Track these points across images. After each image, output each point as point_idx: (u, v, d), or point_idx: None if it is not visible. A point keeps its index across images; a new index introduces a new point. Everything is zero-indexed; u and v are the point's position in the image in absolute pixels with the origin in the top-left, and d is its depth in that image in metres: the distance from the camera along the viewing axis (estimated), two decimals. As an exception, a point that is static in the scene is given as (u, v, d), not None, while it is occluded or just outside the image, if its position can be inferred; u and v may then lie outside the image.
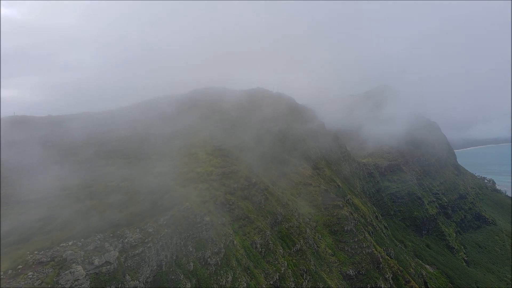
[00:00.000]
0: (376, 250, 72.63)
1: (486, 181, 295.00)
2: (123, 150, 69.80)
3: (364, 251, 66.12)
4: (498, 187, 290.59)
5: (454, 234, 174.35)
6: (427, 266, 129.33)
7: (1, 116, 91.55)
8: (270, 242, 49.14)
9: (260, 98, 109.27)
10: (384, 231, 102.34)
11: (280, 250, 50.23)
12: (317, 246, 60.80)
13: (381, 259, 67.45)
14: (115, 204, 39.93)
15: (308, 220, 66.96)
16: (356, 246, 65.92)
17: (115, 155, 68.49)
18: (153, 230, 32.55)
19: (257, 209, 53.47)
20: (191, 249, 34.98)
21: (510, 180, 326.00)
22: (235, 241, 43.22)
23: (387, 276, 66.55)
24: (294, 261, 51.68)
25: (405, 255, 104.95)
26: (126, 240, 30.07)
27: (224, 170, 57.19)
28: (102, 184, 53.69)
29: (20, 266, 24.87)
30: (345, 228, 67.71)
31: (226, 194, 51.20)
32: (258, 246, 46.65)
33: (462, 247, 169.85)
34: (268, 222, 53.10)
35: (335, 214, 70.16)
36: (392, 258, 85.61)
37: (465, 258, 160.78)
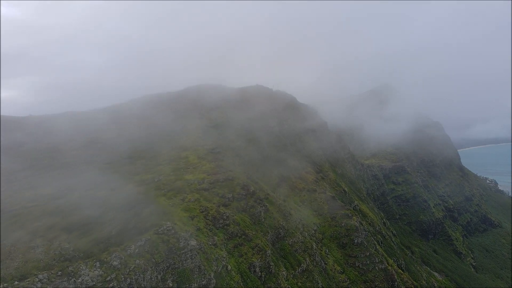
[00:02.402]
0: (389, 264, 65.21)
1: (488, 181, 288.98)
2: (104, 154, 61.98)
3: (376, 267, 58.52)
4: (499, 188, 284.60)
5: (461, 238, 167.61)
6: (436, 274, 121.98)
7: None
8: (272, 263, 41.43)
9: (258, 96, 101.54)
10: (393, 239, 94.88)
11: (283, 272, 42.52)
12: (325, 263, 53.12)
13: (395, 276, 59.90)
14: (78, 224, 32.15)
15: (313, 232, 59.25)
16: (368, 262, 58.30)
17: (95, 160, 60.69)
18: (119, 262, 24.75)
19: (256, 223, 45.73)
20: (171, 284, 27.20)
21: (510, 181, 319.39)
22: (229, 266, 35.48)
23: (402, 294, 59.13)
24: (299, 284, 44.00)
25: (415, 265, 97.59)
26: (80, 280, 22.28)
27: (218, 177, 49.49)
28: (75, 195, 46.09)
29: None
30: (355, 241, 60.05)
31: (220, 206, 43.47)
32: (258, 269, 38.93)
33: (470, 251, 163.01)
34: (269, 238, 45.38)
35: (343, 224, 62.48)
36: (404, 271, 78.31)
37: (473, 264, 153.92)
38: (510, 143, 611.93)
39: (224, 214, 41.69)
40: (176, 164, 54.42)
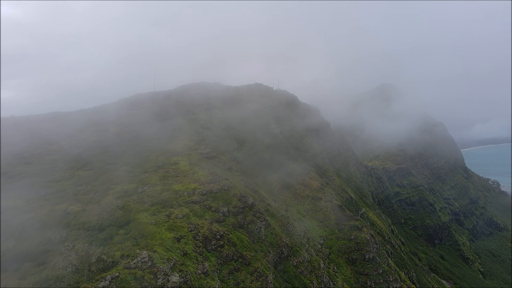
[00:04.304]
0: (401, 280, 58.93)
1: (490, 182, 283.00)
2: (85, 159, 55.34)
3: (390, 286, 52.13)
4: (502, 189, 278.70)
5: (468, 243, 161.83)
6: (444, 282, 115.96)
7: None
8: (274, 290, 34.94)
9: (258, 95, 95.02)
10: (402, 248, 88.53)
11: (288, 301, 36.06)
12: (333, 284, 46.66)
13: (412, 296, 53.58)
14: (34, 252, 25.74)
15: (319, 246, 52.79)
16: (381, 280, 51.86)
17: (74, 166, 54.07)
18: (70, 316, 18.24)
19: (256, 241, 39.23)
20: (144, 338, 20.68)
21: (511, 181, 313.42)
22: (222, 300, 28.97)
23: (419, 316, 52.89)
24: (306, 313, 37.55)
25: (425, 275, 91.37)
26: None
27: (212, 187, 42.95)
28: (45, 209, 39.70)
29: None
30: (366, 256, 53.60)
31: (213, 222, 36.95)
32: (257, 300, 32.44)
33: (477, 256, 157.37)
34: (271, 260, 38.87)
35: (352, 237, 56.05)
36: (416, 284, 72.14)
37: (481, 270, 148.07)
38: (510, 143, 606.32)
39: (217, 233, 35.17)
40: (165, 171, 47.87)
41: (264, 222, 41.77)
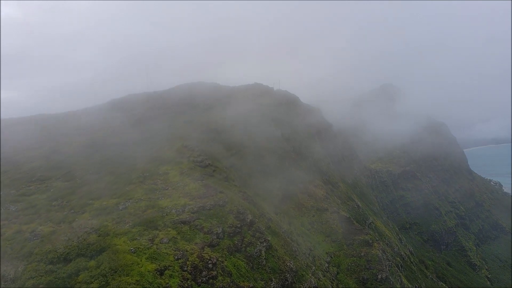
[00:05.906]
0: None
1: (492, 183, 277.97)
2: (66, 167, 49.65)
3: (406, 310, 46.73)
4: (504, 190, 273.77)
5: (475, 248, 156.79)
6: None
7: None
8: (277, 328, 29.41)
9: (257, 95, 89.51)
10: (411, 259, 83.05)
11: None
12: (344, 310, 41.16)
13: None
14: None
15: (326, 265, 47.27)
16: (396, 303, 46.46)
17: (52, 176, 48.31)
18: None
19: (255, 267, 33.64)
20: None
21: (511, 182, 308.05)
22: None
23: None
24: None
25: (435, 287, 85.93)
26: None
27: (205, 203, 37.36)
28: (12, 229, 34.17)
29: None
30: (379, 277, 48.11)
31: (204, 247, 31.36)
32: None
33: (484, 262, 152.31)
34: (273, 289, 33.27)
35: (362, 254, 50.57)
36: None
37: (488, 276, 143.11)
38: (510, 144, 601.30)
39: (209, 261, 29.58)
40: (152, 183, 42.28)
41: (265, 244, 36.20)
